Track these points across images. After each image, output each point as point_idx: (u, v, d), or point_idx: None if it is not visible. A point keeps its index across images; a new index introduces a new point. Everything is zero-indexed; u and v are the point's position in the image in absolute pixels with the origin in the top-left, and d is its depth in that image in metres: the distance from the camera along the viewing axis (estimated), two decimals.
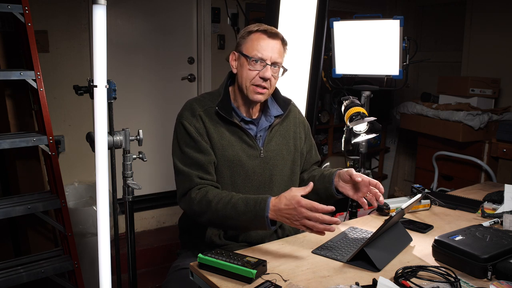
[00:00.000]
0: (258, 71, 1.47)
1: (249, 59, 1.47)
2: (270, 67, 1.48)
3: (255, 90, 1.49)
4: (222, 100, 1.53)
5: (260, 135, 1.57)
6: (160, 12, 3.27)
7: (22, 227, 2.31)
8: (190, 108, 1.53)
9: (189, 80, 3.47)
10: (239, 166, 1.51)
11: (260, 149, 1.55)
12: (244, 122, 1.55)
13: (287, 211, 1.29)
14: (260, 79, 1.47)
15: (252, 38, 1.49)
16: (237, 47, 1.54)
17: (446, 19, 4.03)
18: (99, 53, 1.15)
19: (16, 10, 1.92)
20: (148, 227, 3.36)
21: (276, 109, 1.61)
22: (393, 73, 2.49)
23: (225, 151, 1.50)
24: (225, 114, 1.50)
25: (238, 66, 1.53)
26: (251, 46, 1.48)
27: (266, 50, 1.47)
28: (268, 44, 1.48)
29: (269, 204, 1.32)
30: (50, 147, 2.02)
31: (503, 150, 3.11)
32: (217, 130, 1.51)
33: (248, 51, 1.48)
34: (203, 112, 1.52)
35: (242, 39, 1.52)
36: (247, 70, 1.48)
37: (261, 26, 1.50)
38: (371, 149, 4.19)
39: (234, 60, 1.55)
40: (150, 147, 3.29)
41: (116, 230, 1.58)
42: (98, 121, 1.18)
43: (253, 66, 1.47)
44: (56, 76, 2.81)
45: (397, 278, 1.15)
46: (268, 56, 1.47)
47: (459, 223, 1.61)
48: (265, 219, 1.32)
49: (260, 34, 1.49)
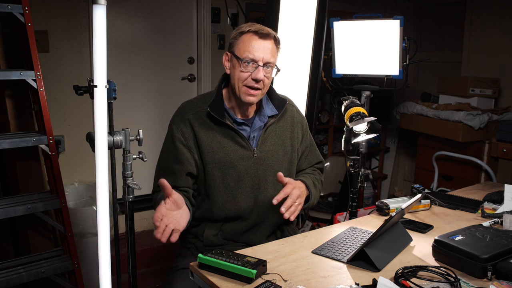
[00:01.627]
0: (250, 73, 1.46)
1: (241, 61, 1.46)
2: (263, 68, 1.46)
3: (247, 92, 1.48)
4: (214, 101, 1.52)
5: (254, 136, 1.56)
6: (160, 12, 3.27)
7: (22, 227, 2.31)
8: (181, 111, 1.56)
9: (189, 80, 3.47)
10: (231, 168, 1.51)
11: (253, 150, 1.54)
12: (236, 123, 1.54)
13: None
14: (253, 80, 1.46)
15: (244, 39, 1.48)
16: (230, 47, 1.53)
17: (446, 19, 4.03)
18: (99, 53, 1.15)
19: (16, 10, 1.92)
20: (148, 227, 3.36)
21: (271, 109, 1.60)
22: (393, 73, 2.49)
23: (215, 153, 1.51)
24: (217, 115, 1.49)
25: (230, 67, 1.52)
26: (243, 47, 1.47)
27: (258, 51, 1.45)
28: (259, 44, 1.46)
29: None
30: (50, 147, 2.02)
31: (503, 150, 3.11)
32: (207, 133, 1.51)
33: (239, 53, 1.47)
34: (193, 115, 1.52)
35: (234, 39, 1.51)
36: (239, 72, 1.47)
37: (252, 26, 1.48)
38: (371, 149, 4.19)
39: (227, 60, 1.54)
40: (150, 147, 3.29)
41: (116, 230, 1.58)
42: (98, 121, 1.18)
43: (245, 67, 1.46)
44: (56, 76, 2.81)
45: (397, 278, 1.15)
46: (260, 57, 1.45)
47: (459, 223, 1.61)
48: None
49: (252, 34, 1.47)
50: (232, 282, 1.14)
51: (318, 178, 1.71)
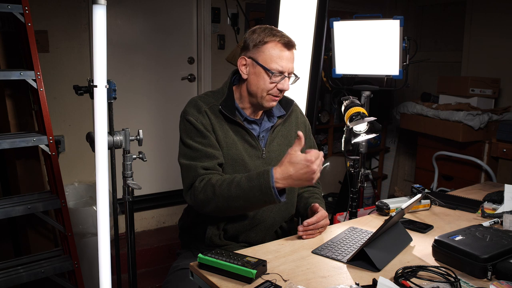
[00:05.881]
0: (276, 83, 1.46)
1: (271, 73, 1.45)
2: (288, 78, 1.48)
3: (271, 99, 1.49)
4: (226, 100, 1.52)
5: (263, 136, 1.57)
6: (160, 12, 3.27)
7: (22, 227, 2.31)
8: (195, 105, 1.51)
9: (189, 80, 3.47)
10: (242, 166, 1.51)
11: (262, 149, 1.54)
12: (247, 122, 1.54)
13: (299, 174, 1.29)
14: (278, 90, 1.47)
15: (270, 48, 1.45)
16: (249, 52, 1.49)
17: (446, 19, 4.03)
18: (99, 53, 1.15)
19: (16, 10, 1.92)
20: (148, 227, 3.36)
21: (279, 109, 1.61)
22: (393, 73, 2.49)
23: (229, 149, 1.50)
24: (228, 113, 1.49)
25: (251, 74, 1.49)
26: (270, 57, 1.45)
27: (286, 62, 1.46)
28: (287, 56, 1.46)
29: (273, 174, 1.31)
30: (50, 147, 2.02)
31: (503, 150, 3.11)
32: (222, 128, 1.50)
33: (266, 63, 1.45)
34: (209, 109, 1.50)
35: (256, 46, 1.46)
36: (267, 83, 1.46)
37: (277, 36, 1.45)
38: (371, 149, 4.19)
39: (244, 65, 1.50)
40: (150, 147, 3.29)
41: (116, 230, 1.58)
42: (98, 121, 1.18)
43: (273, 79, 1.46)
44: (56, 76, 2.81)
45: (397, 278, 1.15)
46: (287, 68, 1.46)
47: (459, 223, 1.61)
48: (271, 190, 1.30)
49: (281, 46, 1.45)
50: (232, 282, 1.14)
51: (320, 191, 1.79)
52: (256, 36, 1.47)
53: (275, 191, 1.31)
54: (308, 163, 1.28)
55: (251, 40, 1.48)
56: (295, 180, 1.31)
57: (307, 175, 1.29)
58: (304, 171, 1.29)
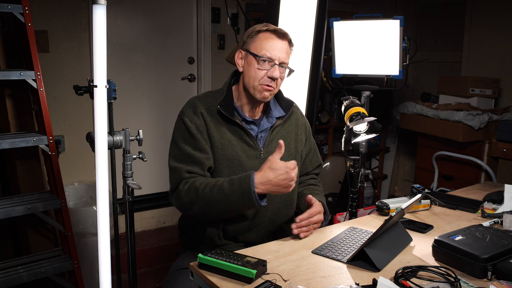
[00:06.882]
0: (266, 71, 1.48)
1: (258, 58, 1.47)
2: (278, 67, 1.48)
3: (263, 89, 1.49)
4: (225, 99, 1.53)
5: (261, 136, 1.57)
6: (160, 12, 3.27)
7: (22, 227, 2.31)
8: (192, 105, 1.54)
9: (189, 80, 3.47)
10: (239, 166, 1.51)
11: (260, 149, 1.55)
12: (245, 122, 1.55)
13: (278, 180, 1.34)
14: (268, 78, 1.48)
15: (261, 37, 1.49)
16: (244, 45, 1.54)
17: (446, 19, 4.03)
18: (99, 53, 1.15)
19: (16, 10, 1.92)
20: (148, 227, 3.36)
21: (278, 110, 1.61)
22: (393, 73, 2.49)
23: (225, 150, 1.50)
24: (227, 113, 1.50)
25: (245, 65, 1.53)
26: (260, 45, 1.48)
27: (275, 50, 1.48)
28: (277, 44, 1.48)
29: (254, 179, 1.35)
30: (50, 147, 2.02)
31: (503, 150, 3.11)
32: (218, 129, 1.51)
33: (256, 50, 1.49)
34: (205, 110, 1.52)
35: (250, 38, 1.52)
36: (256, 69, 1.48)
37: (270, 26, 1.51)
38: (371, 149, 4.19)
39: (240, 58, 1.54)
40: (150, 147, 3.29)
41: (116, 230, 1.58)
42: (98, 121, 1.18)
43: (262, 65, 1.48)
44: (56, 76, 2.81)
45: (397, 278, 1.15)
46: (276, 56, 1.48)
47: (459, 223, 1.61)
48: (252, 195, 1.35)
49: (270, 33, 1.49)
50: (232, 282, 1.14)
51: (321, 189, 1.77)
52: (251, 29, 1.54)
53: (256, 196, 1.35)
54: (287, 169, 1.34)
55: (247, 33, 1.54)
56: (274, 186, 1.36)
57: (285, 182, 1.35)
58: (284, 177, 1.34)
